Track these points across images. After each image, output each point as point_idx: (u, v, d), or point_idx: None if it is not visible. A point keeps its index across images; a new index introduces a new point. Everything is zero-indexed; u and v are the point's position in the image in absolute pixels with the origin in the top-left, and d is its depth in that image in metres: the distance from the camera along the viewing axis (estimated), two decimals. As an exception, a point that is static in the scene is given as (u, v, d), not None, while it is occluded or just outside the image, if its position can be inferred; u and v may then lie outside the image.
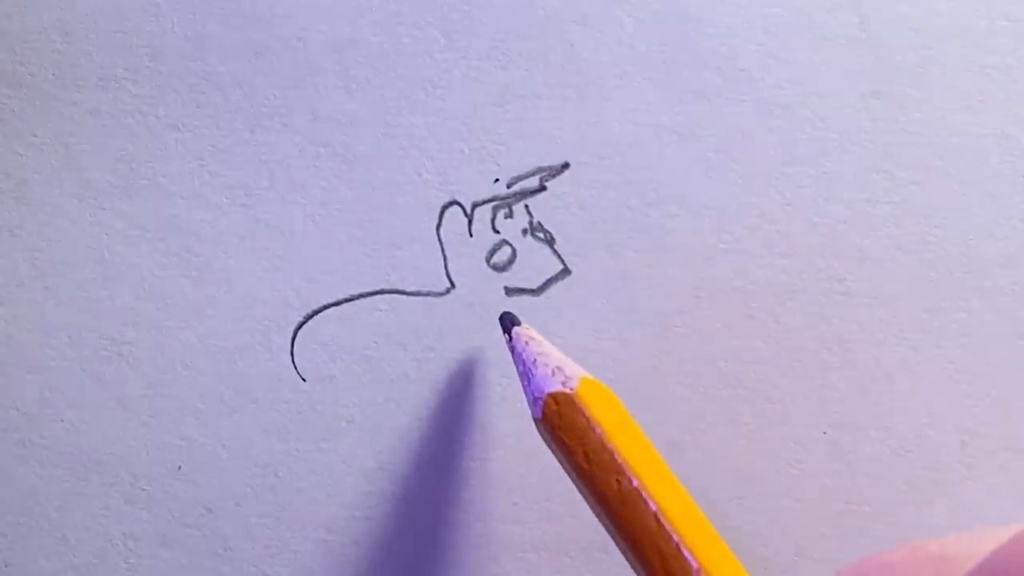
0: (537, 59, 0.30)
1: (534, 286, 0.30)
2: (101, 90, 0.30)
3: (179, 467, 0.29)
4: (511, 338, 0.28)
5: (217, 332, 0.30)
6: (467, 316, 0.30)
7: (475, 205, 0.30)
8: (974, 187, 0.30)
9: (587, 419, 0.25)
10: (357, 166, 0.30)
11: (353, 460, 0.29)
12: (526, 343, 0.27)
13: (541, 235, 0.30)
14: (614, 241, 0.30)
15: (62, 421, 0.29)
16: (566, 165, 0.30)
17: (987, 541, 0.21)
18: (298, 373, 0.30)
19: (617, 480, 0.24)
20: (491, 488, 0.28)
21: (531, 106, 0.30)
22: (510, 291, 0.30)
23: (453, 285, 0.30)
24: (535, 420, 0.26)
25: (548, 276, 0.30)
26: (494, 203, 0.30)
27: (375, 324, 0.30)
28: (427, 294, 0.30)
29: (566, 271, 0.30)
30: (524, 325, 0.28)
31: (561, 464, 0.26)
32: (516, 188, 0.30)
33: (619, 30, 0.30)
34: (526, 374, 0.26)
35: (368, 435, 0.29)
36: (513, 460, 0.29)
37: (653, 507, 0.24)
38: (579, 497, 0.25)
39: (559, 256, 0.30)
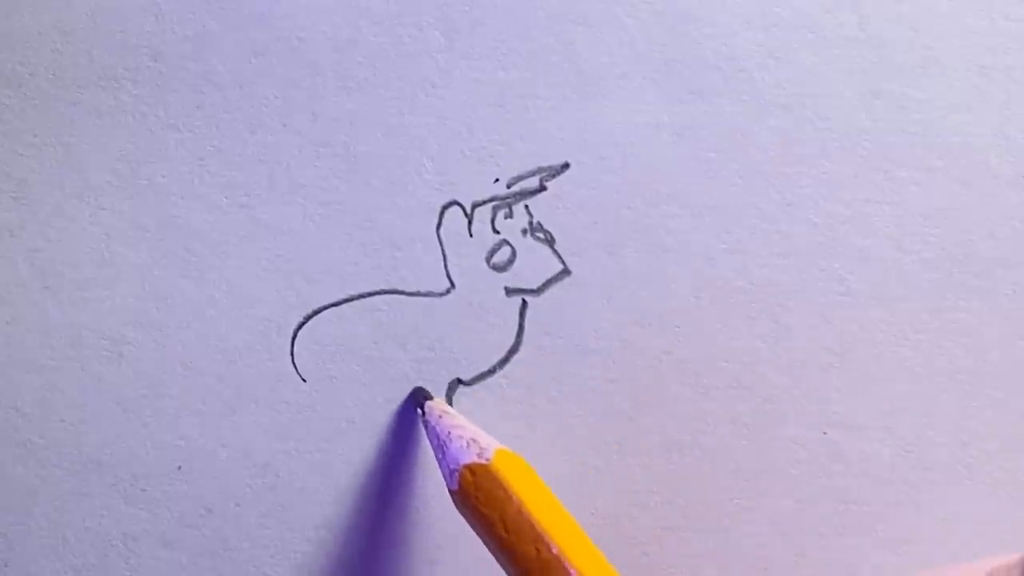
0: (537, 59, 0.30)
1: (534, 286, 0.30)
2: (101, 90, 0.30)
3: (179, 467, 0.29)
4: (424, 413, 0.28)
5: (217, 332, 0.30)
6: (467, 316, 0.30)
7: (475, 205, 0.30)
8: (974, 187, 0.30)
9: (504, 489, 0.25)
10: (357, 166, 0.30)
11: (353, 460, 0.29)
12: (439, 417, 0.28)
13: (541, 235, 0.30)
14: (614, 241, 0.30)
15: (62, 421, 0.29)
16: (566, 165, 0.30)
17: None
18: (298, 373, 0.30)
19: (536, 548, 0.25)
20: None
21: (531, 106, 0.30)
22: (510, 291, 0.30)
23: (453, 285, 0.30)
24: (451, 492, 0.26)
25: (548, 276, 0.30)
26: (494, 203, 0.30)
27: (375, 324, 0.30)
28: (427, 294, 0.30)
29: (566, 271, 0.30)
30: (437, 399, 0.28)
31: (478, 534, 0.26)
32: (516, 188, 0.30)
33: (619, 30, 0.30)
34: (441, 447, 0.27)
35: (368, 435, 0.29)
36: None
37: (573, 573, 0.24)
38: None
39: (559, 256, 0.30)
